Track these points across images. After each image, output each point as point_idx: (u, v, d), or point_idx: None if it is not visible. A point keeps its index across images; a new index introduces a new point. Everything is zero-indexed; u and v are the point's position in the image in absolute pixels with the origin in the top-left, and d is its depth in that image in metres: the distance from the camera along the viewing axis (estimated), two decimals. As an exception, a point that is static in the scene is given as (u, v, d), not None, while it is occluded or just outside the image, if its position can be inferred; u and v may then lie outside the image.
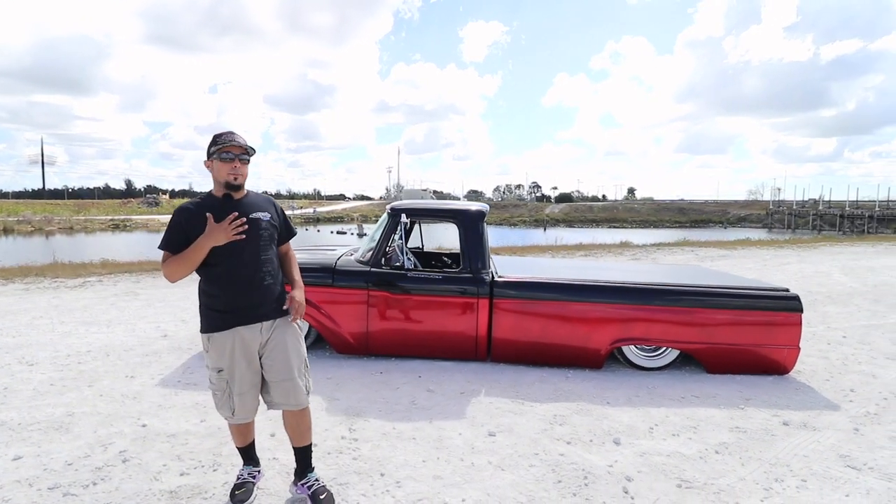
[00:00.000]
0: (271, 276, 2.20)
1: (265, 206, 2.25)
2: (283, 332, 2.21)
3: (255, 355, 2.19)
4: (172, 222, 2.11)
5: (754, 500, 2.39)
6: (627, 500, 2.38)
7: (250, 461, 2.43)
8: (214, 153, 2.11)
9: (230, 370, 2.17)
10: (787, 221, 63.22)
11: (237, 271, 2.12)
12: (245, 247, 2.11)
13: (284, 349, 2.20)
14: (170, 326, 5.17)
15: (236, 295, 2.13)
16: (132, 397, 3.42)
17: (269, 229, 2.21)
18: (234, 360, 2.15)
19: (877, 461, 2.75)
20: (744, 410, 3.42)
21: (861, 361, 4.51)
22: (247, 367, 2.17)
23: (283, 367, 2.19)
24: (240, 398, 2.19)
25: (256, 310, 2.16)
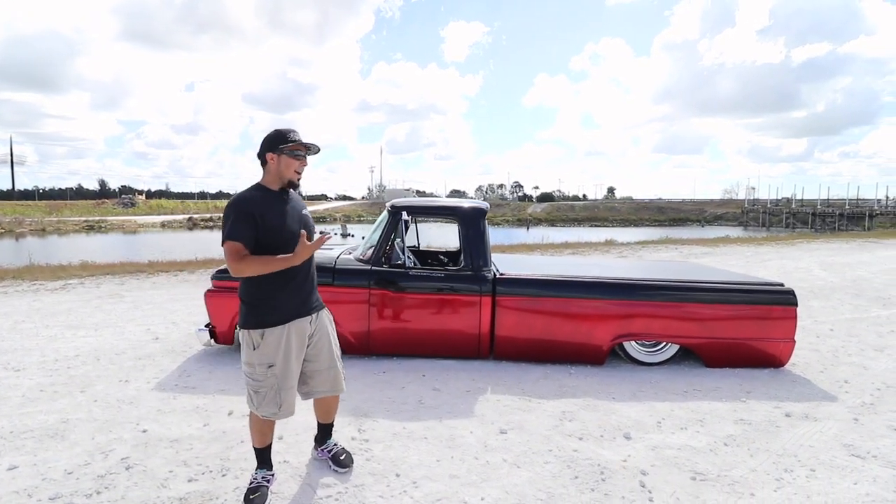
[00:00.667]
0: (314, 268, 2.38)
1: (304, 205, 2.42)
2: (325, 322, 2.38)
3: (304, 346, 2.28)
4: (241, 213, 2.07)
5: (767, 491, 2.42)
6: (645, 493, 2.39)
7: (265, 464, 2.40)
8: (284, 149, 2.17)
9: (283, 364, 2.19)
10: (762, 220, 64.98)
11: (297, 267, 2.19)
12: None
13: (328, 338, 2.36)
14: (160, 329, 5.03)
15: (295, 290, 2.23)
16: (129, 402, 3.31)
17: (313, 227, 2.40)
18: (287, 353, 2.20)
19: (879, 450, 2.82)
20: (746, 403, 3.47)
21: (851, 353, 4.63)
22: (297, 359, 2.25)
23: (327, 356, 2.35)
24: (288, 392, 2.24)
25: (308, 302, 2.30)
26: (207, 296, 4.13)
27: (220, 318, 4.11)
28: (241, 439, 2.83)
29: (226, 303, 4.09)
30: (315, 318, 2.33)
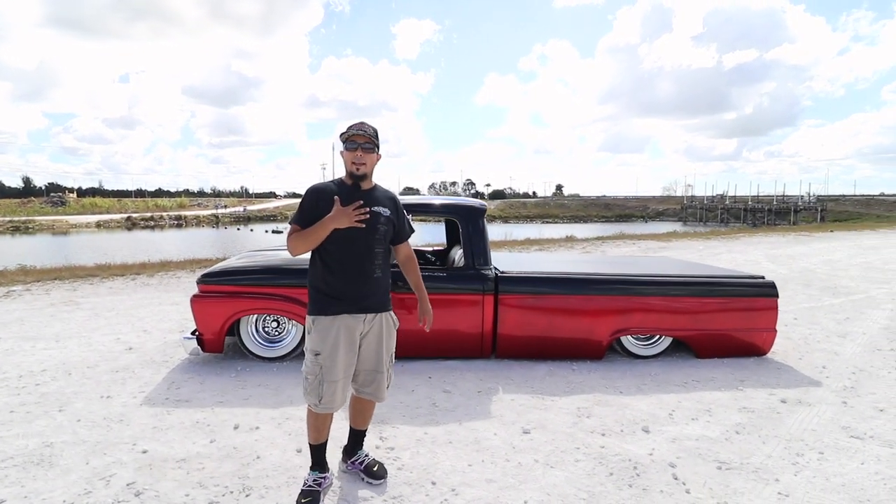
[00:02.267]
0: (381, 269, 2.26)
1: (387, 202, 2.27)
2: (382, 325, 2.28)
3: (356, 344, 2.22)
4: (304, 202, 2.19)
5: (789, 476, 2.53)
6: (679, 486, 2.44)
7: (318, 465, 2.33)
8: (344, 142, 2.17)
9: (328, 356, 2.17)
10: (699, 215, 69.04)
11: (351, 259, 2.17)
12: (361, 236, 2.16)
13: (379, 341, 2.27)
14: (132, 338, 4.66)
15: (347, 283, 2.18)
16: (117, 420, 3.03)
17: (387, 225, 2.24)
18: (335, 346, 2.16)
19: (873, 430, 3.02)
20: (743, 391, 3.63)
21: (819, 340, 4.95)
22: (345, 354, 2.19)
23: (373, 358, 2.27)
24: (330, 386, 2.17)
25: (364, 300, 2.21)
26: (194, 301, 3.86)
27: (208, 324, 3.85)
28: (256, 455, 2.65)
29: (214, 308, 3.84)
30: (371, 319, 2.24)
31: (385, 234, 2.24)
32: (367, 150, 2.17)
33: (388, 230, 2.25)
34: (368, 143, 2.16)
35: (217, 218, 52.84)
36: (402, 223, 2.33)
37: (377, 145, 2.22)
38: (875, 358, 4.40)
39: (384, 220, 2.22)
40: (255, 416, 3.09)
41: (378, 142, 2.22)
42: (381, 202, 2.24)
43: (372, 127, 2.21)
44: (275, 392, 3.46)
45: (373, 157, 2.20)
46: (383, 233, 2.22)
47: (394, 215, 2.27)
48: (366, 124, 2.20)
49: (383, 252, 2.26)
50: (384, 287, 2.29)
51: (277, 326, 4.06)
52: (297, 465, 2.55)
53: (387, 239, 2.27)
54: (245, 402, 3.30)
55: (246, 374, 3.78)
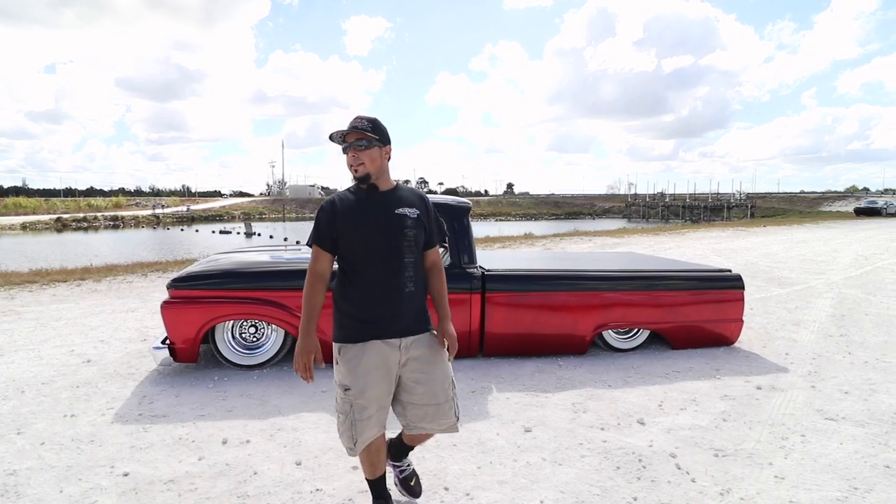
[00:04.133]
0: (413, 282, 1.93)
1: (414, 201, 1.97)
2: (426, 350, 1.95)
3: (391, 374, 1.91)
4: (317, 218, 1.92)
5: (780, 459, 2.66)
6: (684, 475, 2.51)
7: (381, 498, 2.10)
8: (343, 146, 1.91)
9: (358, 389, 1.86)
10: (642, 212, 72.46)
11: (376, 274, 1.87)
12: (387, 244, 1.87)
13: (425, 369, 1.94)
14: (88, 349, 4.28)
15: (375, 302, 1.87)
16: (88, 441, 2.76)
17: (415, 229, 1.92)
18: (366, 378, 1.86)
19: (844, 412, 3.24)
20: (721, 380, 3.79)
21: (777, 329, 5.27)
22: (379, 385, 1.88)
23: (426, 392, 1.94)
24: (363, 424, 1.88)
25: (397, 322, 1.90)
26: (165, 307, 3.59)
27: (181, 332, 3.59)
28: (252, 470, 2.49)
29: (187, 314, 3.59)
30: (409, 343, 1.91)
31: (416, 240, 1.92)
32: (360, 147, 1.85)
33: (418, 234, 1.93)
34: (361, 140, 1.85)
35: (158, 218, 49.78)
36: (432, 226, 2.00)
37: (378, 137, 1.87)
38: (829, 344, 4.73)
39: (412, 222, 1.91)
40: (243, 429, 2.91)
41: (378, 133, 1.88)
42: (406, 202, 1.94)
43: (366, 120, 1.88)
44: (260, 402, 3.27)
45: (373, 153, 1.87)
46: (412, 238, 1.91)
47: (424, 216, 1.96)
48: (360, 118, 1.89)
49: (415, 261, 1.93)
50: (420, 304, 1.96)
51: (255, 332, 3.86)
52: (300, 479, 2.42)
53: (418, 245, 1.95)
54: (229, 414, 3.11)
55: (225, 384, 3.56)
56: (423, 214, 1.97)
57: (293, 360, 1.94)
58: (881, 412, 3.22)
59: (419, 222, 1.94)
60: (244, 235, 35.41)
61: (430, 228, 2.00)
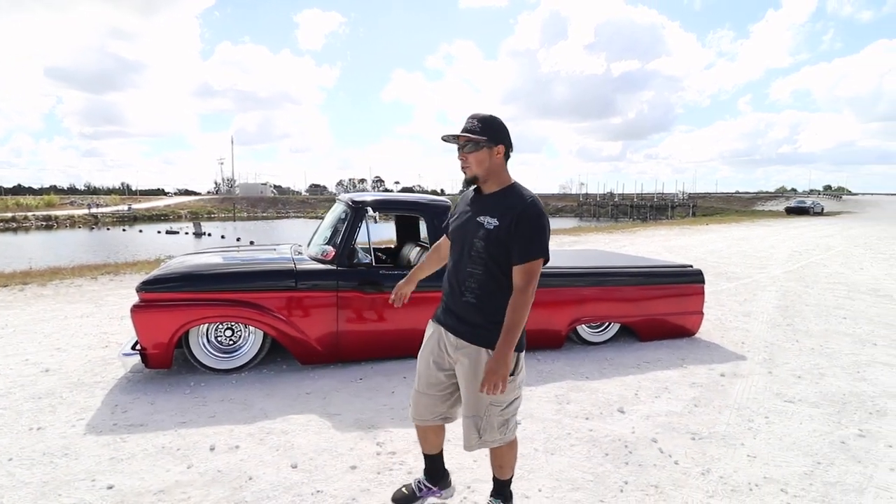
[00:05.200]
0: (474, 294, 1.86)
1: (503, 211, 1.80)
2: (473, 361, 1.88)
3: (442, 363, 2.00)
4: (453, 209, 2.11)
5: (750, 439, 2.87)
6: (667, 458, 2.66)
7: (426, 473, 2.26)
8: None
9: (419, 361, 2.08)
10: (593, 211, 75.07)
11: (449, 273, 2.00)
12: (457, 251, 1.96)
13: (463, 378, 1.93)
14: (44, 358, 4.01)
15: (445, 295, 2.03)
16: (62, 454, 2.60)
17: (487, 240, 1.81)
18: (423, 352, 2.06)
19: (799, 394, 3.52)
20: (687, 369, 4.03)
21: (730, 320, 5.64)
22: (427, 367, 2.03)
23: (463, 396, 1.97)
24: (416, 395, 2.07)
25: (452, 321, 1.96)
26: (135, 312, 3.41)
27: (153, 336, 3.43)
28: (247, 476, 2.43)
29: (160, 318, 3.43)
30: (461, 347, 1.90)
31: (485, 252, 1.81)
32: (470, 150, 1.83)
33: (489, 247, 1.80)
34: (469, 143, 1.82)
35: (97, 218, 46.58)
36: (516, 241, 1.77)
37: (486, 138, 1.81)
38: (778, 333, 5.11)
39: (483, 234, 1.80)
40: (229, 435, 2.83)
41: (487, 134, 1.81)
42: (491, 211, 1.82)
43: (477, 119, 1.83)
44: (244, 406, 3.19)
45: (480, 155, 1.82)
46: (481, 249, 1.81)
47: (503, 229, 1.78)
48: (471, 117, 1.84)
49: (482, 274, 1.83)
50: (480, 315, 1.85)
51: (232, 335, 3.74)
52: (299, 482, 2.38)
53: (491, 257, 1.81)
54: (212, 420, 3.01)
55: (202, 389, 3.43)
56: (504, 228, 1.78)
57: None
58: (831, 394, 3.53)
59: (493, 235, 1.80)
60: (193, 236, 33.86)
61: (511, 243, 1.79)
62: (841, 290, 7.36)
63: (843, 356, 4.35)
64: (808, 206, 37.39)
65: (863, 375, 3.88)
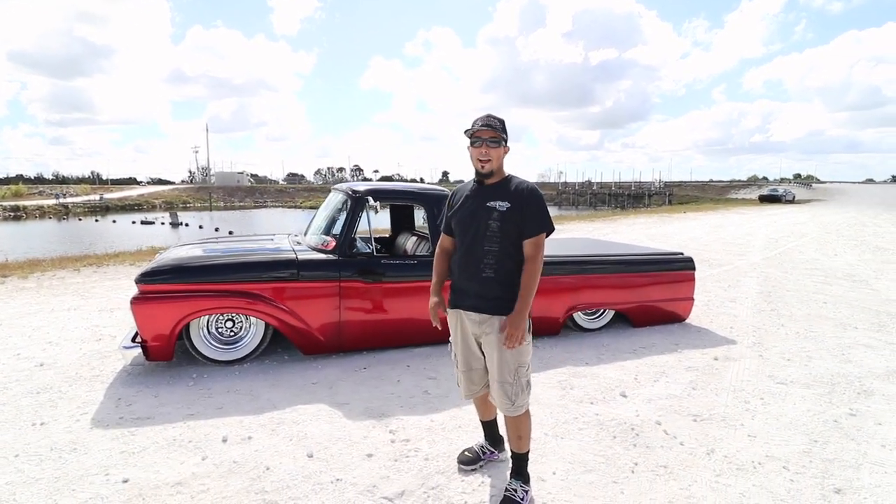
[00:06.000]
0: (493, 269, 2.11)
1: (511, 196, 2.10)
2: (499, 331, 2.11)
3: (471, 340, 2.21)
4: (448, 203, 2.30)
5: (748, 420, 2.99)
6: (672, 439, 2.75)
7: (487, 438, 2.51)
8: (469, 138, 2.12)
9: (455, 345, 2.28)
10: (572, 200, 75.81)
11: (463, 257, 2.17)
12: (471, 234, 2.13)
13: (492, 347, 2.14)
14: (37, 352, 3.90)
15: (459, 279, 2.20)
16: (70, 450, 2.55)
17: (500, 220, 2.08)
18: (456, 337, 2.27)
19: (790, 376, 3.67)
20: (682, 353, 4.15)
21: (717, 306, 5.80)
22: (463, 348, 2.24)
23: (490, 365, 2.18)
24: (460, 375, 2.30)
25: (472, 299, 2.15)
26: (135, 304, 3.34)
27: (154, 329, 3.37)
28: (264, 466, 2.43)
29: (162, 310, 3.37)
30: (486, 321, 2.11)
31: (500, 231, 2.07)
32: (493, 145, 2.07)
33: (503, 226, 2.06)
34: (494, 139, 2.07)
35: (67, 208, 44.94)
36: (526, 219, 2.07)
37: (504, 138, 2.11)
38: (763, 318, 5.29)
39: (497, 215, 2.07)
40: (240, 426, 2.81)
41: (506, 134, 2.12)
42: (500, 196, 2.09)
43: (498, 119, 2.11)
44: (250, 397, 3.17)
45: (499, 151, 2.10)
46: (496, 229, 2.07)
47: (515, 210, 2.06)
48: (492, 117, 2.10)
49: (498, 251, 2.08)
50: (500, 289, 2.09)
51: (233, 326, 3.70)
52: (317, 471, 2.39)
53: (505, 235, 2.07)
54: (220, 411, 2.98)
55: (206, 380, 3.40)
56: (514, 209, 2.07)
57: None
58: (820, 375, 3.68)
59: (506, 216, 2.07)
60: (170, 226, 33.05)
61: (521, 221, 2.08)
62: (818, 276, 7.63)
63: (827, 339, 4.54)
64: (780, 194, 38.44)
65: (848, 357, 4.06)
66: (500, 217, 2.07)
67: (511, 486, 2.21)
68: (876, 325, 5.03)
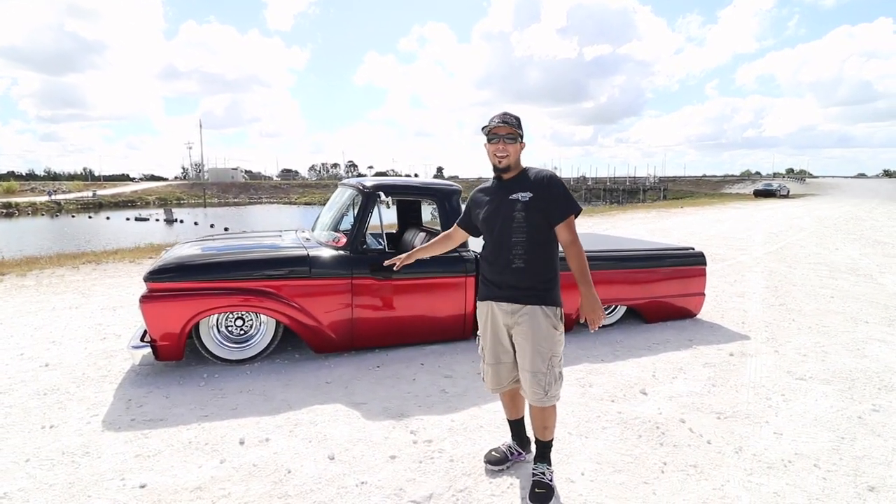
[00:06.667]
0: (523, 259, 2.14)
1: (532, 185, 2.15)
2: (532, 320, 2.12)
3: (502, 332, 2.22)
4: (469, 200, 2.37)
5: (772, 417, 2.95)
6: (699, 438, 2.71)
7: (515, 437, 2.47)
8: (486, 135, 2.17)
9: (483, 338, 2.30)
10: (568, 195, 75.82)
11: (492, 249, 2.21)
12: (497, 227, 2.16)
13: (526, 338, 2.14)
14: (41, 352, 3.80)
15: (490, 272, 2.23)
16: (82, 454, 2.47)
17: (524, 211, 2.12)
18: (484, 329, 2.28)
19: (809, 371, 3.64)
20: (697, 349, 4.11)
21: (726, 301, 5.78)
22: (492, 341, 2.25)
23: (521, 355, 2.17)
24: (488, 368, 2.30)
25: (504, 290, 2.17)
26: (144, 302, 3.26)
27: (164, 328, 3.29)
28: (286, 469, 2.36)
29: (172, 309, 3.28)
30: (518, 310, 2.14)
31: (526, 221, 2.11)
32: (510, 141, 2.13)
33: (528, 216, 2.11)
34: (511, 135, 2.13)
35: (59, 205, 44.40)
36: (550, 205, 2.12)
37: (520, 134, 2.16)
38: (773, 313, 5.27)
39: (520, 206, 2.12)
40: (256, 427, 2.74)
41: (521, 131, 2.17)
42: (522, 187, 2.15)
43: (514, 116, 2.17)
44: (264, 398, 3.09)
45: (516, 147, 2.16)
46: (521, 220, 2.12)
47: (538, 199, 2.11)
48: (508, 115, 2.17)
49: (525, 241, 2.12)
50: (532, 278, 2.13)
51: (243, 324, 3.62)
52: (340, 474, 2.33)
53: (531, 224, 2.11)
54: (235, 412, 2.91)
55: (217, 381, 3.32)
56: (538, 197, 2.12)
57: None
58: (838, 370, 3.65)
59: (529, 206, 2.12)
60: (164, 223, 32.77)
61: (547, 208, 2.13)
62: (823, 270, 7.63)
63: (840, 334, 4.52)
64: (774, 188, 38.62)
65: (863, 352, 4.04)
66: (524, 207, 2.12)
67: (538, 469, 2.24)
68: (886, 319, 5.02)
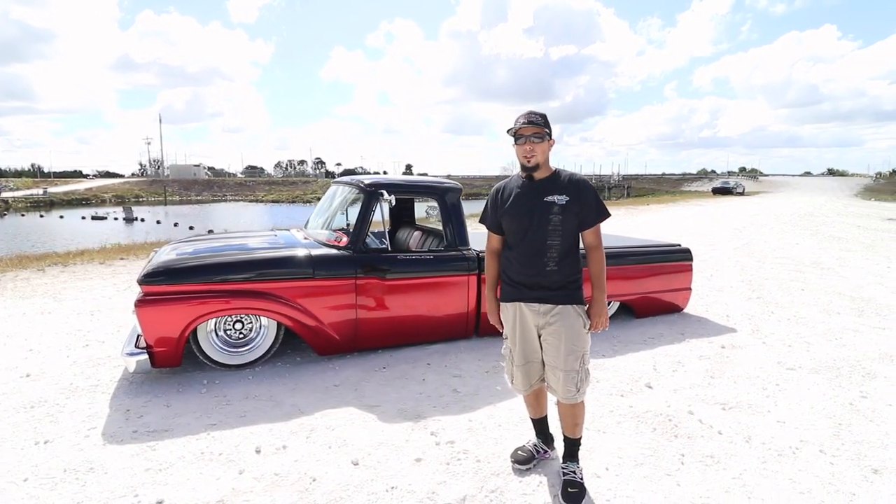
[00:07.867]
0: (555, 262, 2.14)
1: (567, 189, 2.13)
2: (565, 319, 2.14)
3: (531, 333, 2.21)
4: (487, 201, 2.33)
5: (772, 406, 3.08)
6: (709, 429, 2.80)
7: (540, 434, 2.48)
8: (512, 137, 2.15)
9: (512, 341, 2.28)
10: (535, 192, 77.16)
11: (524, 253, 2.17)
12: (532, 230, 2.13)
13: (559, 337, 2.15)
14: (19, 361, 3.56)
15: (519, 274, 2.19)
16: (87, 469, 2.33)
17: (560, 214, 2.11)
18: (513, 331, 2.26)
19: (797, 361, 3.82)
20: (690, 342, 4.25)
21: (707, 296, 5.99)
22: (521, 341, 2.24)
23: (554, 354, 2.17)
24: (516, 370, 2.29)
25: (536, 291, 2.16)
26: (139, 307, 3.10)
27: (161, 332, 3.14)
28: (310, 477, 2.29)
29: (169, 314, 3.14)
30: (549, 310, 2.14)
31: (562, 224, 2.12)
32: (537, 140, 2.11)
33: (564, 219, 2.11)
34: (538, 134, 2.11)
35: (7, 203, 41.66)
36: (584, 210, 2.14)
37: (548, 132, 2.13)
38: (753, 305, 5.50)
39: (557, 209, 2.11)
40: (270, 434, 2.66)
41: (549, 128, 2.14)
42: (555, 190, 2.13)
43: (540, 115, 2.15)
44: (273, 403, 3.00)
45: (544, 146, 2.13)
46: (557, 223, 2.11)
47: (573, 202, 2.12)
48: (533, 113, 2.14)
49: (559, 244, 2.13)
50: (564, 280, 2.16)
51: (242, 327, 3.49)
52: (368, 479, 2.28)
53: (566, 228, 2.13)
54: (244, 419, 2.81)
55: (219, 386, 3.19)
56: (573, 201, 2.12)
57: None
58: (823, 360, 3.85)
59: (566, 209, 2.12)
60: (124, 221, 31.30)
61: (581, 212, 2.14)
62: (789, 265, 8.02)
63: (817, 325, 4.76)
64: (731, 186, 40.31)
65: (842, 342, 4.27)
66: (561, 210, 2.12)
67: (569, 468, 2.27)
68: (855, 310, 5.32)
